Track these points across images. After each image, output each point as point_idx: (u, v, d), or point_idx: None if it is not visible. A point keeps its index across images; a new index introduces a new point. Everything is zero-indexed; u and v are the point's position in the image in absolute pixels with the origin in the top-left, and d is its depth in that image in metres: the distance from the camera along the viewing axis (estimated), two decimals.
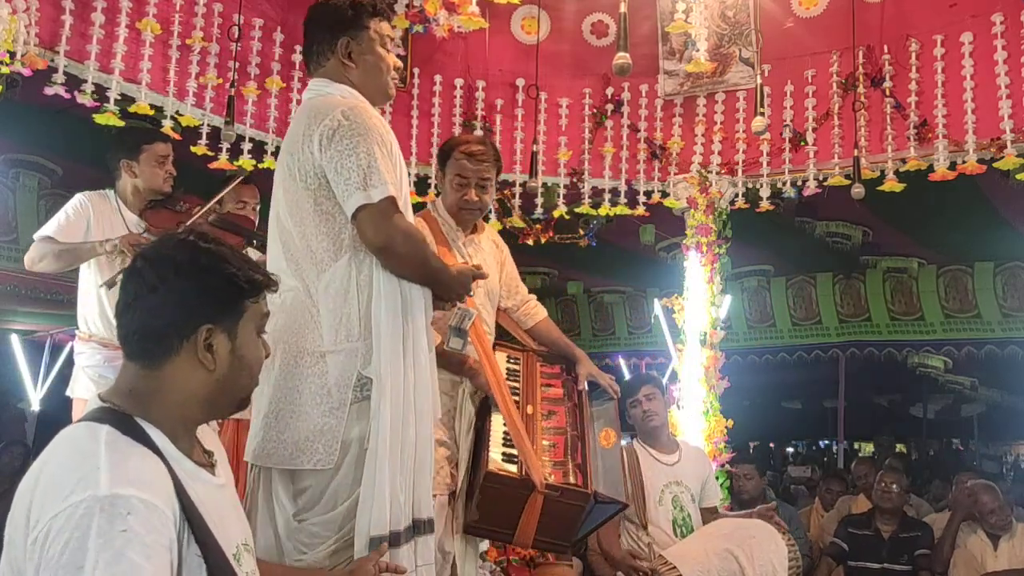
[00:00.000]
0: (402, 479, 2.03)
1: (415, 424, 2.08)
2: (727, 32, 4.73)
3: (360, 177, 2.03)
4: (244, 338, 1.47)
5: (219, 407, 1.50)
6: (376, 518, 1.97)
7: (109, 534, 1.20)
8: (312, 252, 2.10)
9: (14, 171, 6.23)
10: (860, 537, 4.81)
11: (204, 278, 1.43)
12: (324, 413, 2.05)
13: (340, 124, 2.07)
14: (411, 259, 2.12)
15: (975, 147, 4.15)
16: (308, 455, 2.04)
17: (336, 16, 2.26)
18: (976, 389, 10.78)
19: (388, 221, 2.06)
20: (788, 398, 13.82)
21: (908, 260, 7.79)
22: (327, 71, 2.26)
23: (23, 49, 3.54)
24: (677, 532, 3.76)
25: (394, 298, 2.09)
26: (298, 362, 2.08)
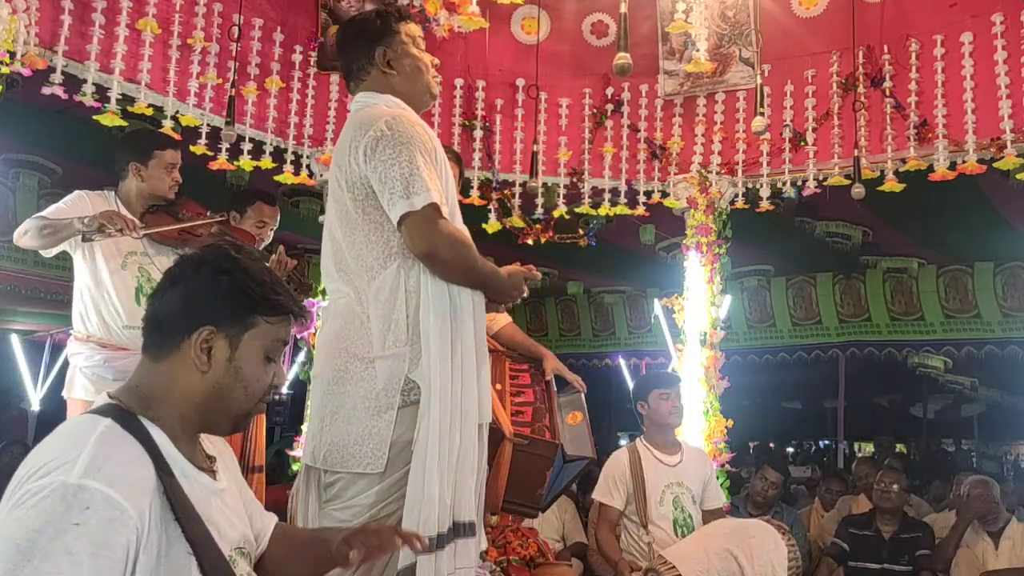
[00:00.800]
0: (447, 483, 2.05)
1: (461, 427, 2.10)
2: (727, 32, 4.72)
3: (403, 186, 2.06)
4: (246, 352, 1.45)
5: (213, 417, 1.47)
6: (425, 519, 1.99)
7: (59, 523, 1.21)
8: (362, 260, 2.15)
9: (14, 171, 6.23)
10: (860, 537, 4.81)
11: (219, 281, 1.44)
12: (372, 416, 2.08)
13: (383, 134, 2.11)
14: (457, 264, 2.14)
15: (975, 147, 4.15)
16: (357, 458, 2.08)
17: (367, 29, 2.33)
18: (976, 389, 10.78)
19: (432, 227, 2.08)
20: (788, 398, 13.82)
21: (908, 260, 7.79)
22: (369, 84, 2.32)
23: (23, 49, 3.54)
24: (678, 532, 3.77)
25: (442, 303, 2.11)
26: (348, 367, 2.13)
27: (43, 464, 1.28)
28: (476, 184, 4.92)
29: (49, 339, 9.00)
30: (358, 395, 2.10)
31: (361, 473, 2.08)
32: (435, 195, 2.09)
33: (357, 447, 2.08)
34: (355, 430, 2.09)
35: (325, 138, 4.78)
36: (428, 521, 1.99)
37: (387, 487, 2.08)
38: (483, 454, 2.24)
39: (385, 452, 2.07)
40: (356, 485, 2.10)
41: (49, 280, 6.52)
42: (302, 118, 4.71)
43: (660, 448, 3.92)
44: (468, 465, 2.13)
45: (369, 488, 2.09)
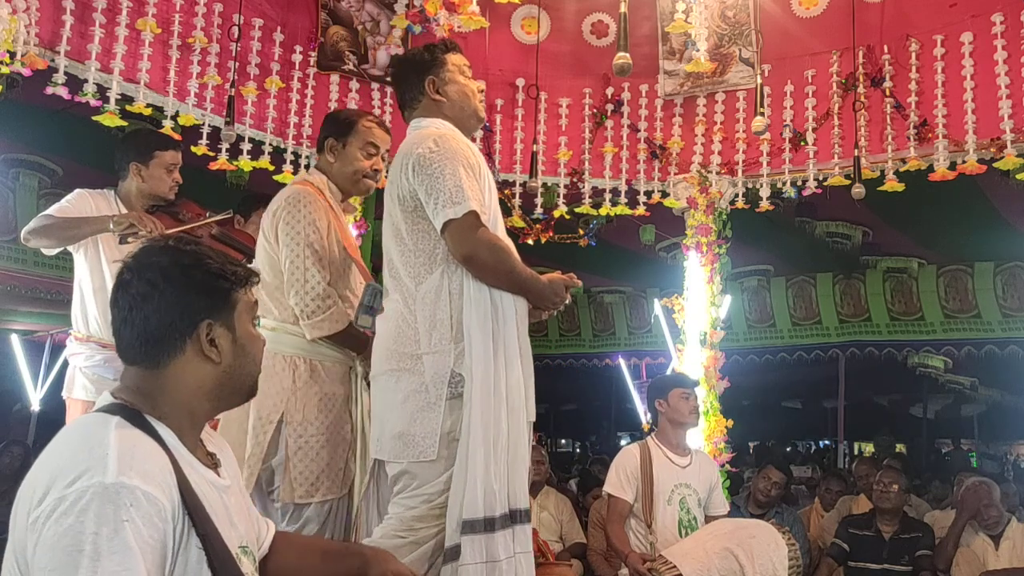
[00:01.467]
0: (496, 469, 2.20)
1: (507, 419, 2.26)
2: (727, 32, 4.72)
3: (446, 196, 2.27)
4: (241, 328, 1.52)
5: (227, 397, 1.54)
6: (468, 502, 2.15)
7: (112, 522, 1.23)
8: (410, 267, 2.37)
9: (14, 171, 6.23)
10: (861, 537, 4.81)
11: (192, 277, 1.47)
12: (422, 408, 2.27)
13: (430, 150, 2.33)
14: (496, 268, 2.32)
15: (975, 147, 4.15)
16: (411, 448, 2.27)
17: (417, 62, 2.59)
18: (976, 389, 10.78)
19: (472, 234, 2.28)
20: (788, 398, 13.82)
21: (908, 260, 7.79)
22: (421, 111, 2.57)
23: (23, 49, 3.54)
24: (682, 533, 3.77)
25: (483, 305, 2.30)
26: (400, 365, 2.33)
27: (70, 469, 1.28)
28: None
29: (49, 339, 9.00)
30: (410, 389, 2.30)
31: (420, 461, 2.26)
32: (475, 204, 2.28)
33: (411, 437, 2.27)
34: (409, 421, 2.28)
35: None
36: (472, 503, 2.15)
37: (441, 475, 2.25)
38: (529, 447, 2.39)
39: (436, 441, 2.24)
40: (421, 474, 2.28)
41: (49, 280, 6.52)
42: (302, 118, 4.71)
43: (672, 448, 3.94)
44: (520, 456, 2.28)
45: (433, 476, 2.26)
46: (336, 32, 4.80)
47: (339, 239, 2.78)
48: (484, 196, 2.36)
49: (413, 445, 2.27)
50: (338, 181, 2.88)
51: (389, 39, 4.85)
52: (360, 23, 4.83)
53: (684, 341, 4.87)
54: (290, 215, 2.68)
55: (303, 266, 2.65)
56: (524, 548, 2.25)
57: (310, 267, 2.65)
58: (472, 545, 2.14)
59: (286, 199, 2.73)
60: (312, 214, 2.69)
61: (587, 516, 5.56)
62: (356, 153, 2.86)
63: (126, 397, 1.45)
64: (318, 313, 2.65)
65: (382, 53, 4.88)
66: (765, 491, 5.03)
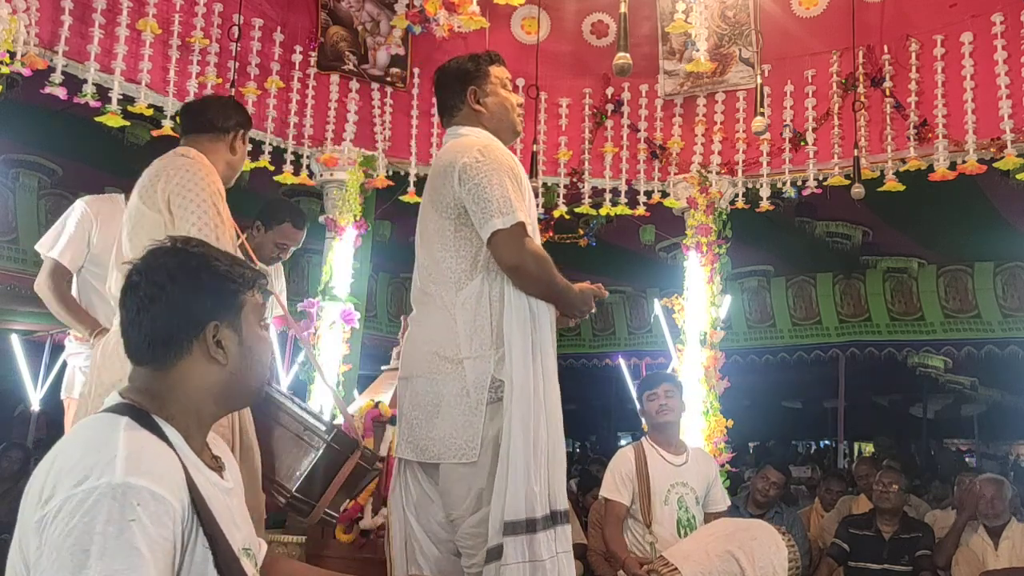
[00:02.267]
0: (536, 472, 2.24)
1: (546, 424, 2.30)
2: (727, 32, 4.72)
3: (495, 206, 2.31)
4: (248, 330, 1.52)
5: (233, 399, 1.55)
6: (510, 504, 2.20)
7: (119, 522, 1.24)
8: (451, 272, 2.41)
9: (14, 171, 6.23)
10: (861, 538, 4.80)
11: (200, 279, 1.48)
12: (464, 412, 2.31)
13: (477, 160, 2.37)
14: (539, 277, 2.37)
15: (975, 147, 4.14)
16: (452, 450, 2.31)
17: (462, 71, 2.62)
18: (976, 389, 10.77)
19: (520, 244, 2.33)
20: (788, 398, 13.81)
21: (908, 260, 7.79)
22: (460, 119, 2.60)
23: (23, 49, 3.54)
24: (681, 532, 3.76)
25: (523, 312, 2.35)
26: (439, 368, 2.36)
27: (78, 469, 1.29)
28: None
29: (49, 339, 8.99)
30: (451, 393, 2.33)
31: (458, 464, 2.30)
32: (522, 215, 2.34)
33: (452, 439, 2.30)
34: (450, 424, 2.32)
35: (325, 138, 4.78)
36: (514, 506, 2.19)
37: (484, 479, 2.28)
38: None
39: (477, 443, 2.28)
40: (456, 478, 2.31)
41: None
42: (302, 118, 4.71)
43: (665, 448, 3.93)
44: (559, 459, 2.33)
45: (468, 479, 2.30)
46: (336, 32, 4.80)
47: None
48: (525, 205, 2.42)
49: (454, 448, 2.31)
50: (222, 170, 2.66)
51: (389, 39, 4.85)
52: (360, 23, 4.83)
53: (684, 341, 4.87)
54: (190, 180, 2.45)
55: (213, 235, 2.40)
56: (565, 548, 2.30)
57: (221, 236, 2.42)
58: (514, 545, 2.18)
59: (175, 165, 2.50)
60: (213, 177, 2.51)
61: (586, 516, 5.56)
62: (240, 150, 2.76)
63: (134, 397, 1.45)
64: None
65: (382, 53, 4.89)
66: (764, 491, 5.03)
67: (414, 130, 4.93)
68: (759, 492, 5.05)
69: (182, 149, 2.62)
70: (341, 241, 4.78)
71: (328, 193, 4.87)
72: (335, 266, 4.76)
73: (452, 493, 2.33)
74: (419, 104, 4.96)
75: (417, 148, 4.93)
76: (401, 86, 4.94)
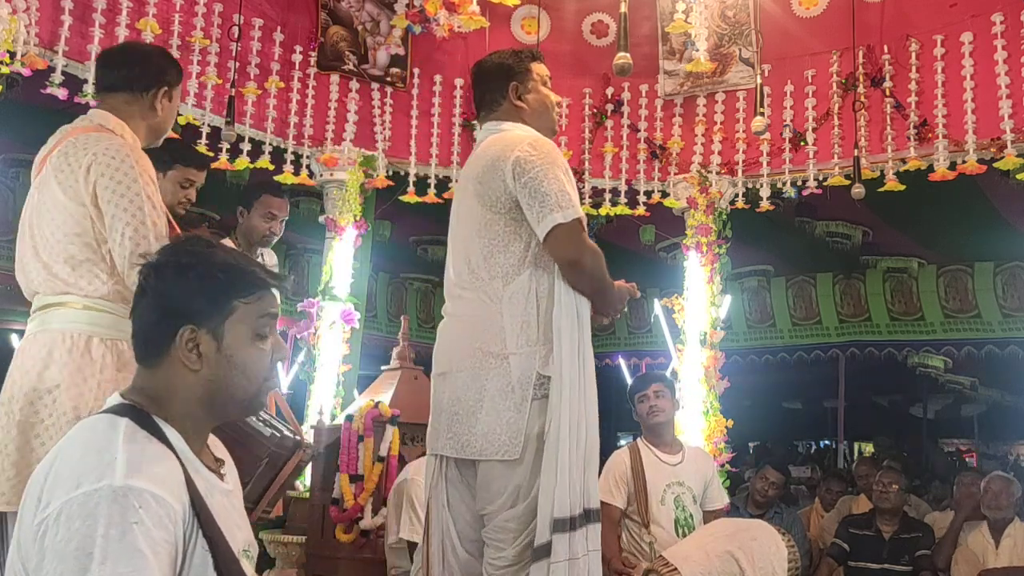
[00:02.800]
0: (576, 470, 2.25)
1: (587, 422, 2.31)
2: (727, 32, 4.73)
3: (554, 200, 2.29)
4: (233, 338, 1.44)
5: (219, 407, 1.48)
6: (559, 501, 2.20)
7: (120, 525, 1.22)
8: (498, 267, 2.37)
9: (14, 170, 6.24)
10: (861, 537, 4.80)
11: (183, 278, 1.43)
12: (508, 408, 2.29)
13: (530, 155, 2.34)
14: (593, 274, 2.37)
15: (975, 147, 4.15)
16: (496, 447, 2.28)
17: (504, 66, 2.58)
18: (976, 389, 10.77)
19: (580, 239, 2.33)
20: (788, 398, 13.81)
21: (908, 260, 7.79)
22: (500, 114, 2.56)
23: (23, 49, 3.54)
24: (679, 532, 3.76)
25: (571, 308, 2.34)
26: (483, 363, 2.33)
27: (78, 472, 1.28)
28: None
29: None
30: (495, 388, 2.31)
31: (500, 461, 2.28)
32: (580, 211, 2.33)
33: (495, 436, 2.28)
34: (493, 420, 2.29)
35: (325, 138, 4.78)
36: (562, 504, 2.20)
37: (525, 477, 2.27)
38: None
39: (521, 440, 2.27)
40: (496, 475, 2.30)
41: None
42: (302, 118, 4.71)
43: (660, 447, 3.91)
44: (593, 457, 2.33)
45: (508, 476, 2.28)
46: (336, 32, 4.80)
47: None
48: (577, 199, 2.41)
49: (497, 444, 2.28)
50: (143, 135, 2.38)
51: (389, 39, 4.85)
52: (360, 23, 4.84)
53: (684, 341, 4.87)
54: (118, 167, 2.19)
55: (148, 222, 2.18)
56: (595, 546, 2.31)
57: (158, 224, 2.21)
58: (560, 543, 2.19)
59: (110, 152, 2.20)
60: (144, 163, 2.26)
61: None
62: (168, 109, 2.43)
63: (134, 398, 1.43)
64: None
65: (382, 53, 4.89)
66: (763, 491, 5.03)
67: (414, 130, 4.94)
68: (758, 492, 5.05)
69: (100, 116, 2.31)
70: (341, 241, 4.78)
71: (328, 193, 4.87)
72: (335, 266, 4.76)
73: (490, 489, 2.31)
74: (419, 104, 4.96)
75: (417, 148, 4.93)
76: (401, 86, 4.94)
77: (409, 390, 4.23)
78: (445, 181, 4.97)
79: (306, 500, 4.08)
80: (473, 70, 2.64)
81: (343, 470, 3.82)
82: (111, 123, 2.30)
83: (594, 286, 2.39)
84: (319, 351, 4.66)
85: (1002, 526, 4.58)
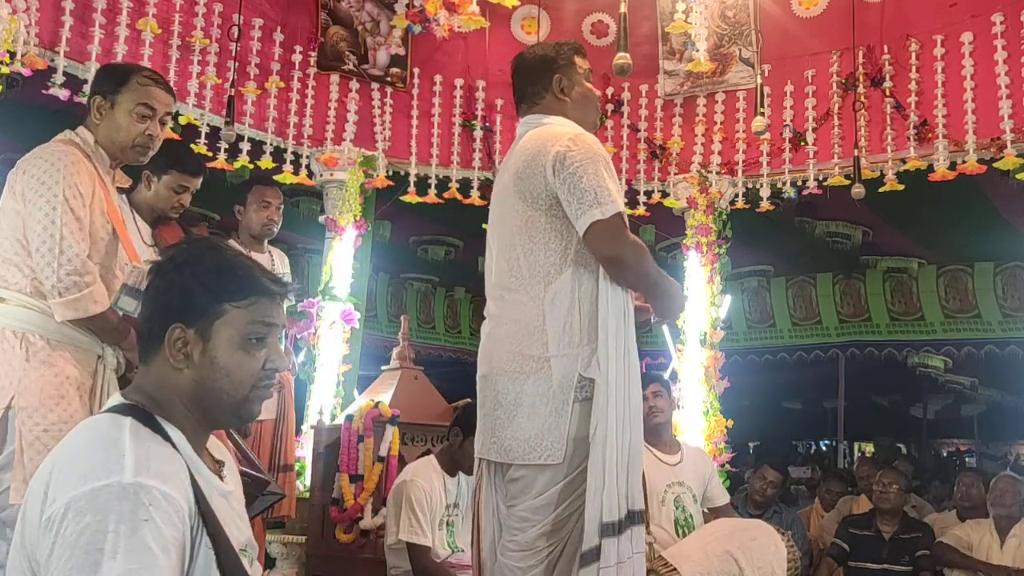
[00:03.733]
0: (622, 472, 2.22)
1: (631, 423, 2.27)
2: (727, 32, 4.73)
3: (592, 196, 2.23)
4: (218, 341, 1.43)
5: (208, 411, 1.47)
6: (608, 505, 2.16)
7: (131, 521, 1.23)
8: (540, 266, 2.32)
9: None
10: (861, 538, 4.80)
11: (178, 277, 1.43)
12: (550, 412, 2.24)
13: (570, 149, 2.29)
14: (638, 270, 2.31)
15: (975, 147, 4.15)
16: (539, 451, 2.24)
17: (548, 59, 2.53)
18: (976, 389, 10.77)
19: (619, 234, 2.27)
20: (788, 398, 13.81)
21: (908, 260, 7.79)
22: (542, 107, 2.50)
23: (23, 49, 3.54)
24: (679, 532, 3.76)
25: (619, 307, 2.30)
26: (524, 367, 2.28)
27: (86, 469, 1.28)
28: (476, 184, 4.92)
29: None
30: (536, 392, 2.26)
31: (544, 465, 2.23)
32: (621, 206, 2.28)
33: (538, 440, 2.24)
34: (536, 425, 2.25)
35: (325, 138, 4.78)
36: (610, 508, 2.17)
37: (569, 481, 2.23)
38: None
39: (563, 445, 2.22)
40: (540, 480, 2.25)
41: None
42: (302, 118, 4.71)
43: (659, 447, 3.91)
44: (636, 458, 2.29)
45: (553, 482, 2.24)
46: (336, 32, 4.80)
47: (104, 211, 2.42)
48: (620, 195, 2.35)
49: (539, 448, 2.24)
50: (105, 145, 2.49)
51: (389, 39, 4.85)
52: (360, 23, 4.84)
53: (684, 341, 4.87)
54: (46, 173, 2.30)
55: (59, 234, 2.26)
56: (639, 549, 2.27)
57: (67, 235, 2.26)
58: (610, 547, 2.16)
59: (40, 154, 2.35)
60: (73, 176, 2.31)
61: None
62: (124, 117, 2.46)
63: (135, 397, 1.44)
64: (73, 290, 2.25)
65: (382, 53, 4.89)
66: (761, 491, 5.03)
67: (414, 130, 4.93)
68: (756, 492, 5.05)
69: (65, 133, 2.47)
70: (341, 241, 4.78)
71: (328, 193, 4.87)
72: (335, 266, 4.76)
73: (530, 491, 2.26)
74: (419, 104, 4.96)
75: (417, 148, 4.93)
76: (401, 86, 4.94)
77: (409, 390, 4.23)
78: (445, 181, 4.97)
79: (306, 500, 4.08)
80: (514, 62, 2.58)
81: (343, 470, 3.83)
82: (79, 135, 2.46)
83: (640, 282, 2.34)
84: (319, 351, 4.66)
85: (1008, 525, 4.58)
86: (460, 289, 9.63)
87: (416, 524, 3.37)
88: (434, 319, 9.46)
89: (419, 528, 3.38)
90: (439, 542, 3.49)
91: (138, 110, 2.47)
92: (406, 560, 3.40)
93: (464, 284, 9.43)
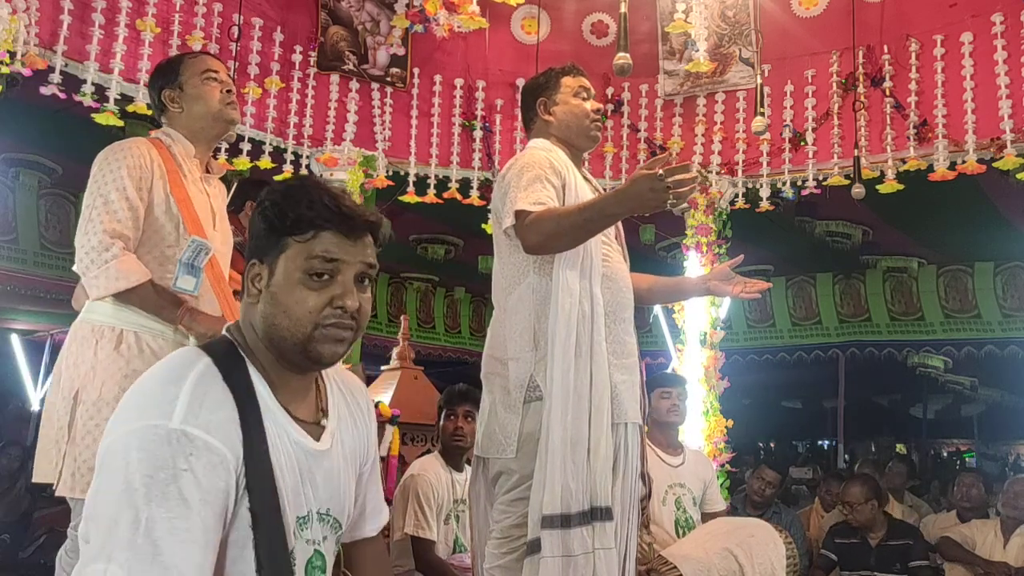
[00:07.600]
0: (574, 469, 2.33)
1: (590, 421, 2.38)
2: (727, 32, 4.72)
3: (508, 208, 2.42)
4: (280, 276, 1.41)
5: (280, 351, 1.43)
6: (547, 500, 2.30)
7: (172, 469, 1.25)
8: (504, 279, 2.54)
9: (14, 170, 6.24)
10: (847, 547, 4.71)
11: (259, 214, 1.46)
12: (505, 410, 2.45)
13: (508, 169, 2.51)
14: (557, 234, 2.36)
15: (975, 147, 4.14)
16: (497, 446, 2.44)
17: (534, 85, 2.78)
18: (976, 389, 10.79)
19: (523, 229, 2.39)
20: (788, 398, 13.83)
21: (908, 260, 7.79)
22: (534, 131, 2.74)
23: (23, 49, 3.54)
24: (679, 532, 3.76)
25: (569, 312, 2.40)
26: (492, 368, 2.52)
27: (144, 403, 1.31)
28: (476, 184, 4.92)
29: (49, 339, 8.99)
30: (498, 391, 2.48)
31: (515, 460, 2.41)
32: (520, 203, 2.38)
33: (497, 435, 2.44)
34: (496, 421, 2.46)
35: (325, 138, 4.78)
36: (550, 502, 2.29)
37: (523, 469, 2.39)
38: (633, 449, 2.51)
39: (514, 441, 2.40)
40: (513, 475, 2.42)
41: (49, 280, 6.52)
42: (302, 118, 4.70)
43: (663, 448, 3.92)
44: (603, 455, 2.39)
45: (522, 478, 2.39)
46: (336, 32, 4.80)
47: (169, 192, 2.41)
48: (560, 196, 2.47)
49: (497, 443, 2.44)
50: (191, 127, 2.52)
51: (389, 39, 4.85)
52: (360, 23, 4.83)
53: (684, 341, 4.87)
54: (95, 166, 2.38)
55: (88, 216, 2.31)
56: (604, 544, 2.36)
57: (94, 217, 2.30)
58: (550, 539, 2.28)
59: (105, 149, 2.42)
60: (123, 160, 2.35)
61: None
62: (197, 88, 2.51)
63: (234, 332, 1.47)
64: (92, 268, 2.27)
65: (382, 53, 4.89)
66: (759, 491, 5.02)
67: (414, 130, 4.93)
68: (755, 492, 5.05)
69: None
70: None
71: None
72: None
73: (506, 484, 2.45)
74: (419, 104, 4.95)
75: (417, 148, 4.93)
76: (401, 86, 4.94)
77: (409, 390, 4.24)
78: (445, 181, 4.96)
79: None
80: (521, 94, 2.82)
81: None
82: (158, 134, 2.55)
83: (573, 238, 2.39)
84: None
85: (1013, 526, 4.58)
86: (460, 289, 9.63)
87: (421, 518, 3.39)
88: (434, 319, 9.46)
89: (424, 523, 3.40)
90: (444, 538, 3.51)
91: (205, 77, 2.53)
92: (410, 558, 3.41)
93: (464, 284, 9.43)
